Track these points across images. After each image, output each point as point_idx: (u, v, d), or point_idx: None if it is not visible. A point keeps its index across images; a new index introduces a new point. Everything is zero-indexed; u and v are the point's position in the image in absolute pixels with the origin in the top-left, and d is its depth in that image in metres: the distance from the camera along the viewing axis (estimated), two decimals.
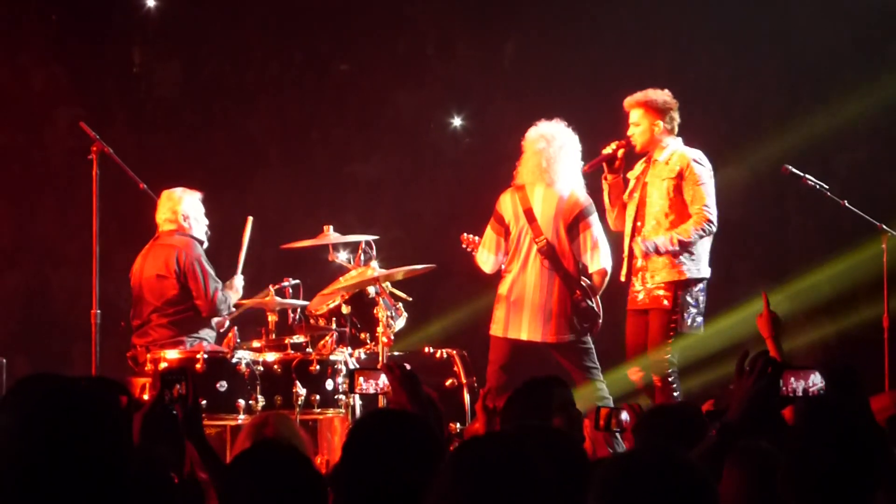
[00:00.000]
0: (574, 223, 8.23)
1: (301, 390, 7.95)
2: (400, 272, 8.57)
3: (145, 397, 7.45)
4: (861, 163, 11.46)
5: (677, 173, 8.02)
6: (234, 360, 7.92)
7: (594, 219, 8.27)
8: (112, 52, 11.84)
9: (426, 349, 8.80)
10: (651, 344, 8.03)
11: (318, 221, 8.88)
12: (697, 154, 8.11)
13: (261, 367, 7.98)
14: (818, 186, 8.71)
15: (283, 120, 12.00)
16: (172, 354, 8.00)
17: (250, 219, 8.89)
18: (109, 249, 8.68)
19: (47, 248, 11.42)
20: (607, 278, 8.29)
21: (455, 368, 8.69)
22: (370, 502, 3.35)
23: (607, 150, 8.20)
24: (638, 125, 8.16)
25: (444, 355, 8.75)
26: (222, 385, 7.84)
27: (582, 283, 8.27)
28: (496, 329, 8.31)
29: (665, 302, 7.97)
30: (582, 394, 7.76)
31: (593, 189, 8.42)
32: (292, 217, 11.17)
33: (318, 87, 11.98)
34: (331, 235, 8.63)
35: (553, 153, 8.28)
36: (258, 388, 7.93)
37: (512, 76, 11.90)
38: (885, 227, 8.92)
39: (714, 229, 8.01)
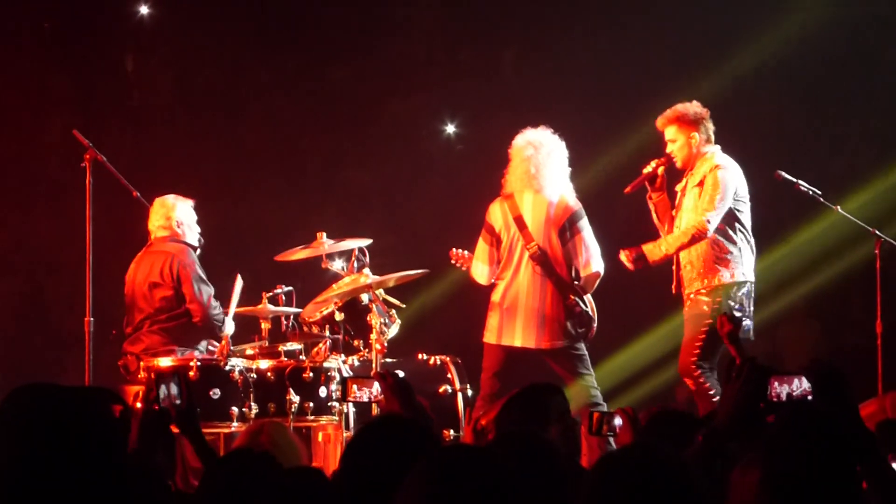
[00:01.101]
0: (565, 228, 8.23)
1: (294, 398, 7.95)
2: (393, 278, 8.57)
3: (138, 405, 7.46)
4: (855, 167, 11.47)
5: (699, 181, 8.01)
6: (227, 368, 7.91)
7: (584, 223, 8.27)
8: (105, 60, 11.83)
9: (420, 356, 8.80)
10: (682, 346, 8.06)
11: (310, 228, 8.88)
12: (724, 160, 8.06)
13: (254, 375, 7.98)
14: (811, 192, 8.71)
15: (276, 127, 12.00)
16: (165, 362, 8.00)
17: (238, 276, 8.50)
18: (103, 257, 8.68)
19: (41, 256, 11.41)
20: (598, 280, 8.30)
21: (449, 375, 8.70)
22: None
23: (647, 170, 8.16)
24: (675, 141, 8.11)
25: (438, 362, 8.75)
26: (215, 392, 7.84)
27: (575, 287, 8.28)
28: (490, 336, 8.31)
29: (704, 308, 7.96)
30: (575, 400, 7.77)
31: (597, 194, 8.43)
32: (285, 224, 11.18)
33: (310, 94, 11.99)
34: (324, 242, 8.63)
35: (541, 159, 8.28)
36: (251, 395, 7.92)
37: (506, 84, 11.91)
38: (877, 232, 8.93)
39: (705, 237, 7.96)
